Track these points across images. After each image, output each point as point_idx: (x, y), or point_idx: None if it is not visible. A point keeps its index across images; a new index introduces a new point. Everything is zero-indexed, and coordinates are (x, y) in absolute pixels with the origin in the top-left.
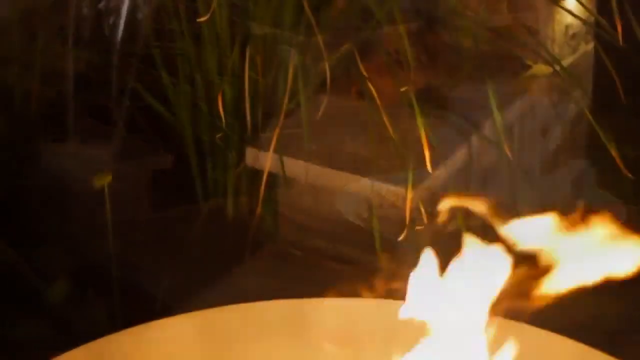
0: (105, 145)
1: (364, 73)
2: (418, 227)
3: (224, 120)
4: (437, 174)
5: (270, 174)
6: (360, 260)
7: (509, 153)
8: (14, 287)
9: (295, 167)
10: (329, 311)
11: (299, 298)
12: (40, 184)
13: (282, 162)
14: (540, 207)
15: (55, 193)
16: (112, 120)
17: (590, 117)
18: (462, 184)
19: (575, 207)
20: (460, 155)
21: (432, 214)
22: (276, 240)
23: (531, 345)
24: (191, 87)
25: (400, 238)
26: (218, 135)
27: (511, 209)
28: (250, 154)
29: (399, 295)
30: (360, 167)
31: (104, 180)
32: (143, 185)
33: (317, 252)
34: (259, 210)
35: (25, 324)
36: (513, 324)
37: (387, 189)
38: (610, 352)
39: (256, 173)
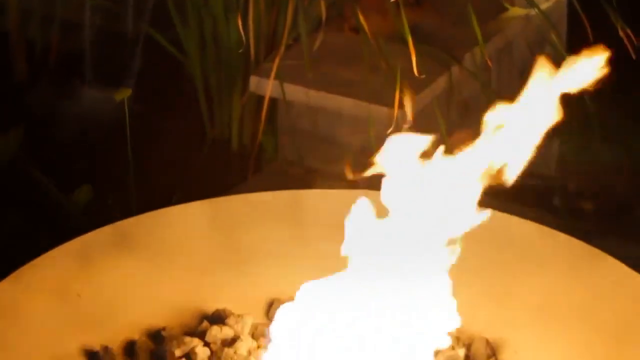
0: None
1: (357, 9)
2: (405, 126)
3: (243, 36)
4: (421, 97)
5: (271, 102)
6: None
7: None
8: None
9: (294, 92)
10: (325, 200)
11: None
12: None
13: (282, 87)
14: None
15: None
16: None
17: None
18: (444, 110)
19: None
20: (441, 82)
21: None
22: (277, 160)
23: None
24: (199, 29)
25: (388, 132)
26: (240, 50)
27: None
28: (253, 81)
29: None
30: (353, 91)
31: (123, 95)
32: None
33: (315, 171)
34: (260, 132)
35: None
36: None
37: (377, 109)
38: None
39: (259, 104)
